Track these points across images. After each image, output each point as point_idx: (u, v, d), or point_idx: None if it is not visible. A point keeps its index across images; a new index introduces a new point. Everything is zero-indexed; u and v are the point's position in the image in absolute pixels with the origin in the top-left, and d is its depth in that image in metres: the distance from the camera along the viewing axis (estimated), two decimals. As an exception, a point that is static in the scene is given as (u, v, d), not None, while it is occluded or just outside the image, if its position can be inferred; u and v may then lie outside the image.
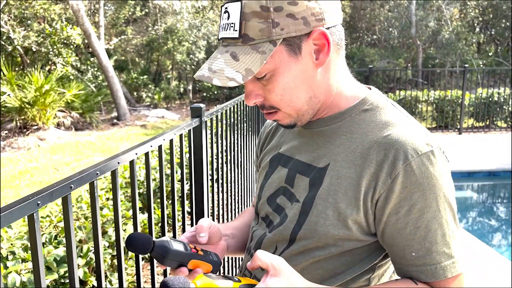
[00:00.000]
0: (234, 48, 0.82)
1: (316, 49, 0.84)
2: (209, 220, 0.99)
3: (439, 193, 0.82)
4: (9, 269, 1.99)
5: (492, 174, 6.21)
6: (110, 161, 1.22)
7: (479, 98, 8.95)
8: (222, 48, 0.85)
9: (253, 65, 0.80)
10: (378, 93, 0.95)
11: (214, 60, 0.84)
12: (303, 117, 0.91)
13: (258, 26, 0.80)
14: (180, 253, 0.86)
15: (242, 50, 0.81)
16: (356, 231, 0.86)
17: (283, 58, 0.83)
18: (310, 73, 0.86)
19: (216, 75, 0.81)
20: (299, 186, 0.93)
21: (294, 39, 0.82)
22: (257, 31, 0.80)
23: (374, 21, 17.96)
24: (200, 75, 0.83)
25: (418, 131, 0.85)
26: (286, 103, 0.87)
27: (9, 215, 0.84)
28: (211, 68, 0.83)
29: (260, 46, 0.81)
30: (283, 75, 0.84)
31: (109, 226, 2.64)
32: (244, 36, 0.81)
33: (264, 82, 0.86)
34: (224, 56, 0.83)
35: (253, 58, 0.80)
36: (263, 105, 0.90)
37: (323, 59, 0.85)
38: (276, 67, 0.83)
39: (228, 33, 0.83)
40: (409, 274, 0.86)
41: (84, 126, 10.86)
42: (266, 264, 0.77)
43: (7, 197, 5.67)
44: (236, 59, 0.81)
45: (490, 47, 18.67)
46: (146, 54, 17.11)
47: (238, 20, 0.81)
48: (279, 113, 0.90)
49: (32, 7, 13.34)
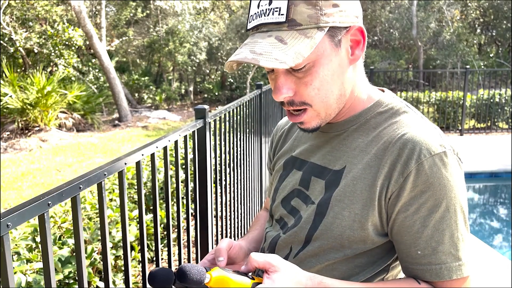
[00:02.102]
0: (279, 32, 0.80)
1: (351, 45, 0.85)
2: (229, 241, 0.96)
3: (449, 194, 0.82)
4: (14, 270, 2.00)
5: (494, 175, 6.21)
6: (117, 162, 1.24)
7: (481, 99, 8.95)
8: (260, 34, 0.81)
9: (303, 49, 0.78)
10: (392, 95, 0.96)
11: (255, 44, 0.80)
12: (329, 116, 0.89)
13: (307, 11, 0.79)
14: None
15: (289, 34, 0.79)
16: (372, 232, 0.86)
17: (325, 49, 0.82)
18: (345, 68, 0.86)
19: (263, 57, 0.77)
20: (314, 188, 0.93)
21: (337, 30, 0.82)
22: (306, 16, 0.79)
23: (375, 22, 17.98)
24: (242, 58, 0.78)
25: (432, 132, 0.86)
26: (320, 98, 0.85)
27: (20, 215, 0.85)
28: (254, 50, 0.78)
29: (308, 32, 0.79)
30: (323, 66, 0.82)
31: (113, 226, 2.65)
32: (291, 21, 0.79)
33: (300, 74, 0.83)
34: (267, 40, 0.79)
35: (302, 42, 0.78)
36: (292, 101, 0.86)
37: (358, 55, 0.86)
38: (318, 57, 0.81)
39: (271, 18, 0.80)
40: (414, 273, 0.86)
41: (86, 127, 10.88)
42: (263, 263, 0.78)
43: (9, 199, 5.68)
44: (283, 42, 0.78)
45: (491, 48, 18.67)
46: (147, 56, 17.14)
47: (286, 4, 0.78)
48: (308, 112, 0.87)
49: (34, 8, 13.37)
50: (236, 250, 0.98)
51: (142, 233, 1.42)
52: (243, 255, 1.00)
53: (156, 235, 1.51)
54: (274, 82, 0.87)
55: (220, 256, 0.91)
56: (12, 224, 0.82)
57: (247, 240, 1.07)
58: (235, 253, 0.97)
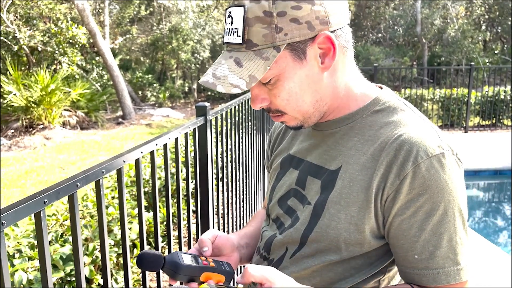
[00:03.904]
0: (238, 53, 0.82)
1: (321, 53, 0.83)
2: (214, 231, 0.98)
3: (447, 197, 0.80)
4: (15, 267, 2.00)
5: (498, 172, 6.18)
6: (116, 160, 1.23)
7: (485, 96, 8.89)
8: (226, 53, 0.85)
9: (256, 72, 0.80)
10: (390, 93, 0.94)
11: (218, 65, 0.83)
12: (309, 119, 0.90)
13: (262, 31, 0.79)
14: (192, 267, 0.86)
15: (246, 56, 0.81)
16: (369, 235, 0.85)
17: (287, 63, 0.82)
18: (316, 77, 0.85)
19: (220, 82, 0.81)
20: (310, 188, 0.92)
21: (298, 43, 0.80)
22: (261, 36, 0.79)
23: (379, 19, 17.91)
24: (205, 81, 0.83)
25: (430, 132, 0.84)
26: (292, 107, 0.87)
27: (16, 213, 0.84)
28: (215, 74, 0.82)
29: (264, 52, 0.80)
30: (288, 80, 0.83)
31: (115, 224, 2.65)
32: (247, 41, 0.80)
33: (270, 87, 0.85)
34: (228, 62, 0.82)
35: (257, 64, 0.80)
36: (269, 108, 0.89)
37: (329, 63, 0.84)
38: (280, 72, 0.82)
39: (232, 38, 0.82)
40: (411, 277, 0.84)
41: (90, 125, 10.90)
42: (260, 278, 0.77)
43: (13, 196, 5.70)
44: (239, 65, 0.80)
45: (496, 45, 18.56)
46: (151, 53, 17.16)
47: (241, 26, 0.80)
48: (285, 116, 0.90)
49: (38, 6, 13.40)
50: (222, 241, 0.98)
51: (141, 231, 1.42)
52: (230, 247, 1.00)
53: (156, 233, 1.51)
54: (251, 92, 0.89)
55: (204, 246, 0.93)
56: (7, 222, 0.81)
57: (239, 235, 1.08)
58: (221, 244, 0.98)
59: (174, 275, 0.85)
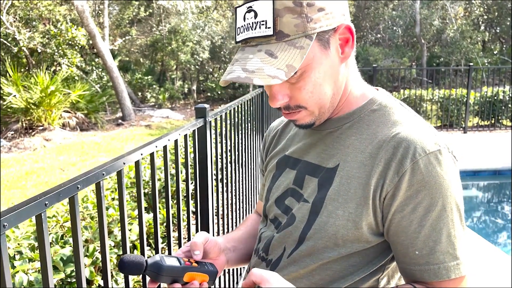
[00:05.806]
0: (268, 46, 0.80)
1: (340, 44, 0.86)
2: (205, 235, 0.97)
3: (445, 193, 0.82)
4: (16, 269, 2.01)
5: (497, 172, 6.19)
6: (116, 162, 1.24)
7: (484, 96, 8.90)
8: (250, 48, 0.82)
9: (293, 61, 0.79)
10: (386, 94, 0.96)
11: (247, 60, 0.81)
12: (323, 115, 0.91)
13: (293, 21, 0.79)
14: (174, 267, 0.85)
15: (278, 47, 0.80)
16: (366, 232, 0.85)
17: (315, 53, 0.83)
18: (336, 68, 0.87)
19: (256, 75, 0.78)
20: (308, 187, 0.93)
21: (324, 33, 0.82)
22: (292, 26, 0.79)
23: (378, 19, 17.92)
24: (235, 77, 0.79)
25: (426, 130, 0.86)
26: (314, 100, 0.87)
27: (17, 215, 0.85)
28: (246, 68, 0.79)
29: (297, 42, 0.80)
30: (314, 70, 0.84)
31: (115, 226, 2.66)
32: (278, 33, 0.80)
33: (293, 80, 0.84)
34: (258, 55, 0.80)
35: (292, 53, 0.79)
36: (288, 105, 0.88)
37: (348, 53, 0.86)
38: (309, 63, 0.83)
39: (258, 32, 0.81)
40: (412, 274, 0.85)
41: (89, 126, 10.91)
42: (259, 277, 0.78)
43: (13, 198, 5.71)
44: (273, 57, 0.79)
45: (495, 45, 18.57)
46: (150, 55, 17.16)
47: (271, 17, 0.79)
48: (302, 112, 0.89)
49: (37, 8, 13.41)
50: (211, 245, 0.98)
51: (141, 232, 1.43)
52: (218, 251, 1.00)
53: (156, 234, 1.52)
54: (269, 89, 0.88)
55: (196, 250, 0.93)
56: (8, 225, 0.82)
57: (226, 238, 1.08)
58: (210, 247, 0.98)
59: (157, 277, 0.84)
